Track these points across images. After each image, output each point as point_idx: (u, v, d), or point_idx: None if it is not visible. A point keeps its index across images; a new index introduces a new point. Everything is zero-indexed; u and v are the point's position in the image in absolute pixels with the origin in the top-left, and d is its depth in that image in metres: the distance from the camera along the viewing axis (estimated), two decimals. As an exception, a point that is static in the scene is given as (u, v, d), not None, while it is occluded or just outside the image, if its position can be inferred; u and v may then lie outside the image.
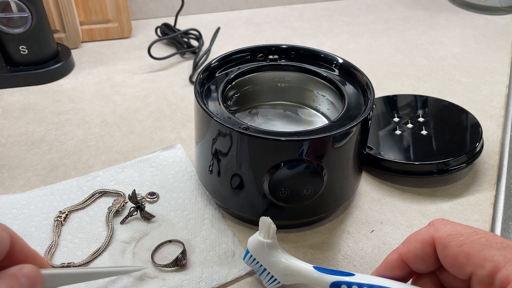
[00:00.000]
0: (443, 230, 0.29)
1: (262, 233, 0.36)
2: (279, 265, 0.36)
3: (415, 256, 0.31)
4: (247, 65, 0.47)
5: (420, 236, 0.31)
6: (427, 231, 0.30)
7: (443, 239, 0.29)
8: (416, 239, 0.31)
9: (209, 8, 0.87)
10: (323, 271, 0.34)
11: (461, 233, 0.28)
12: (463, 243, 0.28)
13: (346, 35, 0.81)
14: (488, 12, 0.88)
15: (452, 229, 0.29)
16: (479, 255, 0.27)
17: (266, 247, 0.36)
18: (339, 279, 0.33)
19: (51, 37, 0.65)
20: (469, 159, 0.48)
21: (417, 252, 0.31)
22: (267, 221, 0.36)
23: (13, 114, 0.58)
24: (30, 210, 0.44)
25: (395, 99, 0.58)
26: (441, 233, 0.29)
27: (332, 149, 0.38)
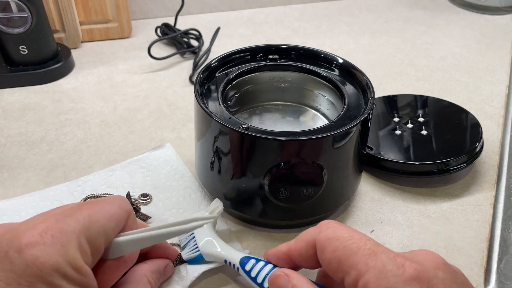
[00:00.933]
0: (324, 233, 0.30)
1: (209, 210, 0.40)
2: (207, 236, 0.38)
3: (299, 255, 0.32)
4: (247, 65, 0.47)
5: (307, 236, 0.31)
6: (313, 232, 0.31)
7: (321, 242, 0.29)
8: (303, 239, 0.31)
9: (209, 8, 0.87)
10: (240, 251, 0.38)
11: (337, 237, 0.29)
12: (337, 249, 0.28)
13: (346, 35, 0.81)
14: (488, 12, 0.88)
15: (331, 233, 0.29)
16: (347, 262, 0.28)
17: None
18: (250, 255, 0.36)
19: (51, 37, 0.65)
20: (469, 159, 0.48)
21: (301, 251, 0.31)
22: (218, 202, 0.41)
23: (13, 114, 0.58)
24: (21, 217, 0.42)
25: (395, 99, 0.58)
26: (321, 236, 0.30)
27: (332, 149, 0.38)
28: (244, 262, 0.35)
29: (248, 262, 0.35)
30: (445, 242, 0.43)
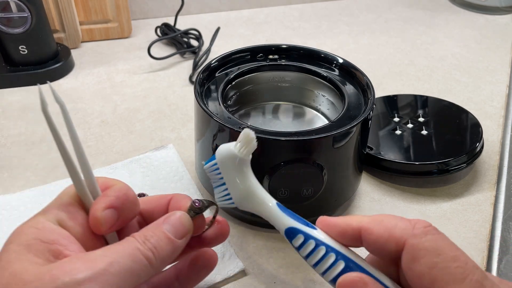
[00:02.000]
0: (421, 239, 0.25)
1: (239, 146, 0.32)
2: (241, 187, 0.32)
3: (374, 242, 0.27)
4: (247, 65, 0.47)
5: (393, 228, 0.27)
6: (403, 229, 0.26)
7: (415, 250, 0.25)
8: (387, 227, 0.27)
9: (209, 8, 0.87)
10: (285, 211, 0.31)
11: (439, 252, 0.25)
12: (435, 267, 0.24)
13: (346, 35, 0.81)
14: (488, 12, 0.88)
15: (432, 244, 0.25)
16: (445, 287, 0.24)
17: (236, 163, 0.32)
18: (298, 226, 0.30)
19: (50, 37, 0.65)
20: (469, 159, 0.48)
21: (379, 240, 0.27)
22: (250, 135, 0.31)
23: (13, 114, 0.58)
24: (20, 211, 0.43)
25: (395, 99, 0.58)
26: (417, 242, 0.25)
27: (332, 149, 0.38)
28: (291, 236, 0.30)
29: (296, 238, 0.30)
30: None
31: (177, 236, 0.29)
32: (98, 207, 0.28)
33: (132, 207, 0.30)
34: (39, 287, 0.23)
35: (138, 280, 0.26)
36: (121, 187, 0.30)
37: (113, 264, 0.25)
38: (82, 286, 0.23)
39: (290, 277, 0.39)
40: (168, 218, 0.29)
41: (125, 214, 0.29)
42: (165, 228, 0.29)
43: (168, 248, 0.28)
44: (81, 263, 0.24)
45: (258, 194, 0.32)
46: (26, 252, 0.25)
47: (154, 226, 0.29)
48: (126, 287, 0.25)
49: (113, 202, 0.28)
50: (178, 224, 0.29)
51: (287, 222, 0.30)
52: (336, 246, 0.29)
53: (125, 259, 0.26)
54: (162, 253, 0.27)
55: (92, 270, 0.24)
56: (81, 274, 0.24)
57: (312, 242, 0.29)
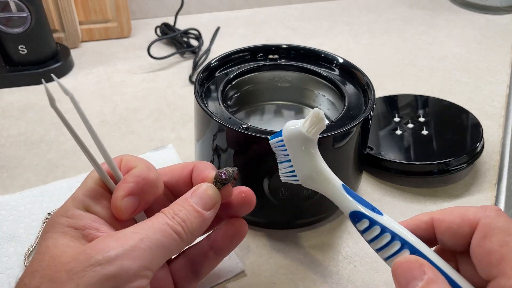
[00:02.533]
0: (493, 219, 0.26)
1: (308, 125, 0.31)
2: (308, 165, 0.32)
3: (447, 229, 0.28)
4: (247, 65, 0.47)
5: (465, 212, 0.27)
6: (476, 212, 0.27)
7: (487, 228, 0.26)
8: (459, 213, 0.28)
9: (209, 8, 0.87)
10: (351, 194, 0.31)
11: (511, 233, 0.25)
12: (506, 244, 0.25)
13: (347, 34, 0.81)
14: (489, 12, 0.88)
15: (504, 224, 0.26)
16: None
17: (303, 142, 0.31)
18: (364, 211, 0.30)
19: (50, 37, 0.64)
20: (469, 159, 0.48)
21: (452, 225, 0.28)
22: (320, 115, 0.31)
23: (13, 114, 0.58)
24: (19, 211, 0.43)
25: (396, 99, 0.58)
26: (489, 221, 0.26)
27: (332, 149, 0.38)
28: (355, 219, 0.30)
29: (361, 222, 0.30)
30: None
31: (205, 208, 0.29)
32: (117, 195, 0.29)
33: (153, 190, 0.31)
34: (76, 266, 0.25)
35: (170, 253, 0.27)
36: (141, 171, 0.30)
37: (143, 240, 0.26)
38: (114, 262, 0.25)
39: (290, 277, 0.39)
40: (196, 191, 0.30)
41: (146, 197, 0.30)
42: (193, 201, 0.29)
43: (197, 221, 0.29)
44: (113, 241, 0.26)
45: (324, 174, 0.32)
46: (62, 237, 0.27)
47: (182, 200, 0.30)
48: (158, 260, 0.27)
49: (132, 189, 0.29)
50: (205, 196, 0.30)
51: (352, 206, 0.30)
52: (403, 234, 0.29)
53: (155, 234, 0.27)
54: (192, 226, 0.28)
55: (123, 247, 0.25)
56: (113, 251, 0.25)
57: (377, 228, 0.29)
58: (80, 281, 0.24)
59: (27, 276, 0.26)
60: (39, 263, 0.26)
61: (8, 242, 0.40)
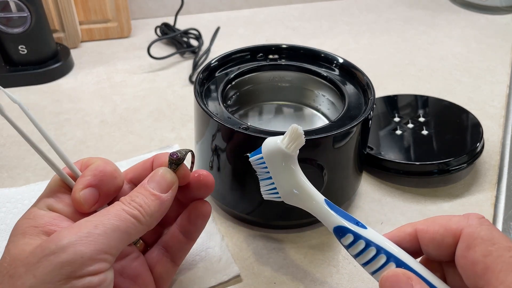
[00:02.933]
0: (476, 228, 0.26)
1: (286, 141, 0.31)
2: (289, 181, 0.31)
3: (431, 239, 0.28)
4: (247, 65, 0.47)
5: (447, 222, 0.27)
6: (458, 221, 0.27)
7: (471, 238, 0.26)
8: (441, 223, 0.28)
9: (209, 8, 0.87)
10: (334, 209, 0.31)
11: (494, 242, 0.25)
12: (490, 255, 0.25)
13: (347, 34, 0.81)
14: (489, 12, 0.88)
15: (487, 233, 0.26)
16: (498, 275, 0.24)
17: (283, 158, 0.31)
18: (347, 225, 0.29)
19: (50, 37, 0.64)
20: (469, 159, 0.48)
21: (436, 236, 0.28)
22: (298, 131, 0.30)
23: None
24: (24, 204, 0.44)
25: (396, 99, 0.58)
26: (472, 231, 0.26)
27: (332, 149, 0.38)
28: (339, 234, 0.30)
29: (345, 237, 0.29)
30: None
31: (162, 191, 0.30)
32: (76, 188, 0.30)
33: (112, 181, 0.31)
34: (32, 259, 0.25)
35: (129, 237, 0.28)
36: (97, 165, 0.31)
37: (98, 226, 0.27)
38: (67, 249, 0.25)
39: (290, 277, 0.39)
40: (152, 176, 0.31)
41: (106, 189, 0.31)
42: (150, 186, 0.30)
43: (155, 204, 0.30)
44: (67, 231, 0.26)
45: (306, 190, 0.31)
46: (22, 238, 0.27)
47: (139, 187, 0.31)
48: (116, 244, 0.27)
49: (90, 181, 0.30)
50: (161, 179, 0.31)
51: (336, 220, 0.30)
52: (388, 247, 0.28)
53: (110, 220, 0.27)
54: (150, 209, 0.29)
55: (77, 234, 0.26)
56: (65, 239, 0.26)
57: (362, 242, 0.29)
58: (36, 272, 0.25)
59: None
60: (1, 264, 0.27)
61: None
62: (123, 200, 0.29)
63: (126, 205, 0.29)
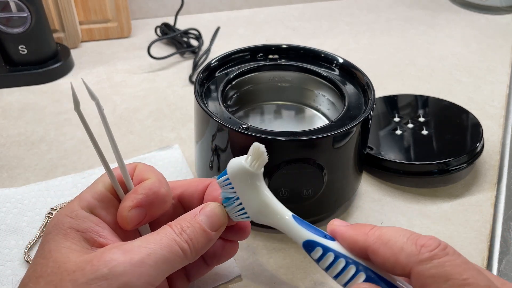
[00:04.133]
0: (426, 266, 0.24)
1: (250, 160, 0.31)
2: (255, 201, 0.31)
3: (381, 264, 0.26)
4: (247, 65, 0.47)
5: (399, 253, 0.25)
6: (409, 255, 0.25)
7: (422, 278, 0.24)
8: (393, 252, 0.25)
9: (209, 8, 0.87)
10: (302, 224, 0.31)
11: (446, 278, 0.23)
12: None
13: (347, 34, 0.81)
14: (489, 12, 0.88)
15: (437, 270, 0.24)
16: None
17: (248, 177, 0.31)
18: (316, 239, 0.30)
19: (50, 37, 0.64)
20: (469, 159, 0.48)
21: (386, 263, 0.26)
22: (260, 149, 0.30)
23: (13, 114, 0.58)
24: (24, 204, 0.44)
25: (396, 99, 0.58)
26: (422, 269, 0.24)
27: (332, 149, 0.38)
28: (308, 249, 0.30)
29: (315, 251, 0.29)
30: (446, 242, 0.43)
31: (212, 228, 0.30)
32: (125, 205, 0.29)
33: (162, 204, 0.31)
34: (81, 277, 0.24)
35: (172, 270, 0.27)
36: (152, 184, 0.30)
37: (150, 255, 0.26)
38: (120, 278, 0.24)
39: (290, 277, 0.39)
40: (204, 209, 0.30)
41: (153, 211, 0.30)
42: (201, 220, 0.29)
43: (203, 240, 0.29)
44: (120, 253, 0.25)
45: (273, 207, 0.31)
46: (64, 240, 0.27)
47: (190, 216, 0.30)
48: (161, 276, 0.27)
49: (141, 201, 0.29)
50: (213, 215, 0.30)
51: (304, 235, 0.30)
52: (356, 258, 0.28)
53: (162, 250, 0.26)
54: (197, 245, 0.28)
55: (130, 262, 0.25)
56: (120, 266, 0.25)
57: (331, 254, 0.29)
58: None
59: (32, 281, 0.26)
60: (43, 268, 0.26)
61: (11, 234, 0.41)
62: (174, 227, 0.28)
63: (177, 235, 0.28)
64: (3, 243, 0.40)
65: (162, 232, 0.28)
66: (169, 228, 0.28)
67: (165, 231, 0.28)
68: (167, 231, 0.28)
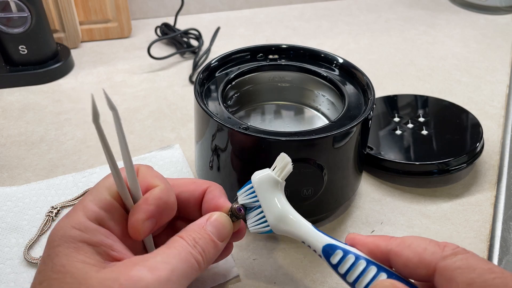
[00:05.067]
0: (451, 259, 0.25)
1: (276, 170, 0.33)
2: (277, 209, 0.33)
3: (403, 265, 0.27)
4: (247, 65, 0.47)
5: (423, 252, 0.26)
6: (433, 253, 0.26)
7: (449, 271, 0.25)
8: (416, 252, 0.27)
9: (209, 8, 0.87)
10: (319, 231, 0.32)
11: (473, 268, 0.25)
12: (473, 282, 0.24)
13: (346, 34, 0.81)
14: (489, 12, 0.88)
15: (463, 262, 0.25)
16: None
17: (273, 185, 0.33)
18: (335, 243, 0.30)
19: (50, 37, 0.64)
20: (469, 159, 0.48)
21: (409, 264, 0.27)
22: (286, 159, 0.33)
23: (13, 114, 0.58)
24: (25, 203, 0.44)
25: (396, 99, 0.58)
26: (447, 264, 0.25)
27: (332, 149, 0.38)
28: (328, 253, 0.30)
29: (335, 254, 0.30)
30: (446, 242, 0.43)
31: (219, 239, 0.30)
32: (139, 218, 0.29)
33: (170, 213, 0.31)
34: None
35: (188, 283, 0.28)
36: (162, 193, 0.30)
37: (174, 271, 0.26)
38: None
39: (290, 277, 0.39)
40: (211, 220, 0.30)
41: (162, 220, 0.30)
42: (210, 231, 0.30)
43: (213, 251, 0.29)
44: (146, 271, 0.25)
45: (294, 215, 0.33)
46: (76, 254, 0.26)
47: (199, 227, 0.30)
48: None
49: (153, 212, 0.29)
50: (221, 227, 0.30)
51: (324, 240, 0.31)
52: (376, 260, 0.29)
53: (182, 265, 0.27)
54: (209, 256, 0.29)
55: (159, 281, 0.25)
56: (150, 286, 0.25)
57: (351, 256, 0.29)
58: None
59: None
60: (61, 285, 0.25)
61: (11, 233, 0.41)
62: (187, 239, 0.28)
63: (191, 248, 0.28)
64: (3, 241, 0.40)
65: (178, 246, 0.28)
66: (182, 241, 0.28)
67: (180, 244, 0.28)
68: (182, 244, 0.28)
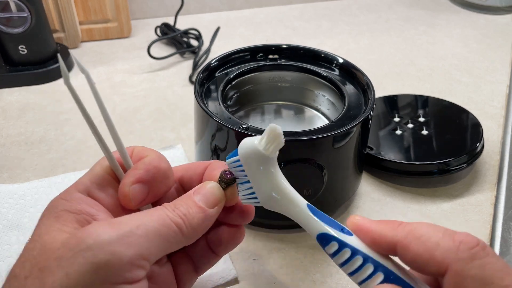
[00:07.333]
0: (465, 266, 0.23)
1: (264, 142, 0.28)
2: (268, 185, 0.29)
3: (411, 260, 0.25)
4: (247, 65, 0.47)
5: (435, 248, 0.24)
6: (447, 251, 0.23)
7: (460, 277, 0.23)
8: (427, 247, 0.24)
9: (209, 8, 0.87)
10: (317, 214, 0.28)
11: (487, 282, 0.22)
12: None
13: (347, 34, 0.81)
14: (489, 12, 0.88)
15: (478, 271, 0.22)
16: None
17: (261, 161, 0.28)
18: (332, 233, 0.27)
19: (50, 37, 0.64)
20: (469, 159, 0.48)
21: (418, 259, 0.24)
22: (277, 131, 0.27)
23: (13, 114, 0.58)
24: (26, 201, 0.44)
25: (396, 99, 0.58)
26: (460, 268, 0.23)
27: (332, 149, 0.38)
28: (323, 242, 0.27)
29: (330, 245, 0.27)
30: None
31: (208, 205, 0.29)
32: (126, 181, 0.28)
33: (164, 180, 0.30)
34: (65, 253, 0.23)
35: (169, 245, 0.26)
36: (152, 159, 0.29)
37: (139, 226, 0.25)
38: (106, 248, 0.23)
39: (290, 277, 0.39)
40: (199, 189, 0.29)
41: (156, 188, 0.29)
42: (196, 198, 0.29)
43: (199, 216, 0.28)
44: (106, 226, 0.24)
45: (286, 194, 0.29)
46: (55, 222, 0.25)
47: (185, 196, 0.29)
48: (156, 250, 0.25)
49: (142, 176, 0.28)
50: (208, 193, 0.29)
51: (319, 227, 0.27)
52: (375, 256, 0.26)
53: (153, 222, 0.25)
54: (193, 221, 0.27)
55: (117, 232, 0.24)
56: (105, 235, 0.23)
57: (347, 250, 0.26)
58: (70, 270, 0.23)
59: (18, 266, 0.25)
60: (30, 252, 0.25)
61: (12, 230, 0.41)
62: (166, 205, 0.27)
63: (169, 211, 0.27)
64: (4, 239, 0.40)
65: (154, 209, 0.27)
66: (161, 206, 0.27)
67: (157, 208, 0.27)
68: (159, 207, 0.27)
